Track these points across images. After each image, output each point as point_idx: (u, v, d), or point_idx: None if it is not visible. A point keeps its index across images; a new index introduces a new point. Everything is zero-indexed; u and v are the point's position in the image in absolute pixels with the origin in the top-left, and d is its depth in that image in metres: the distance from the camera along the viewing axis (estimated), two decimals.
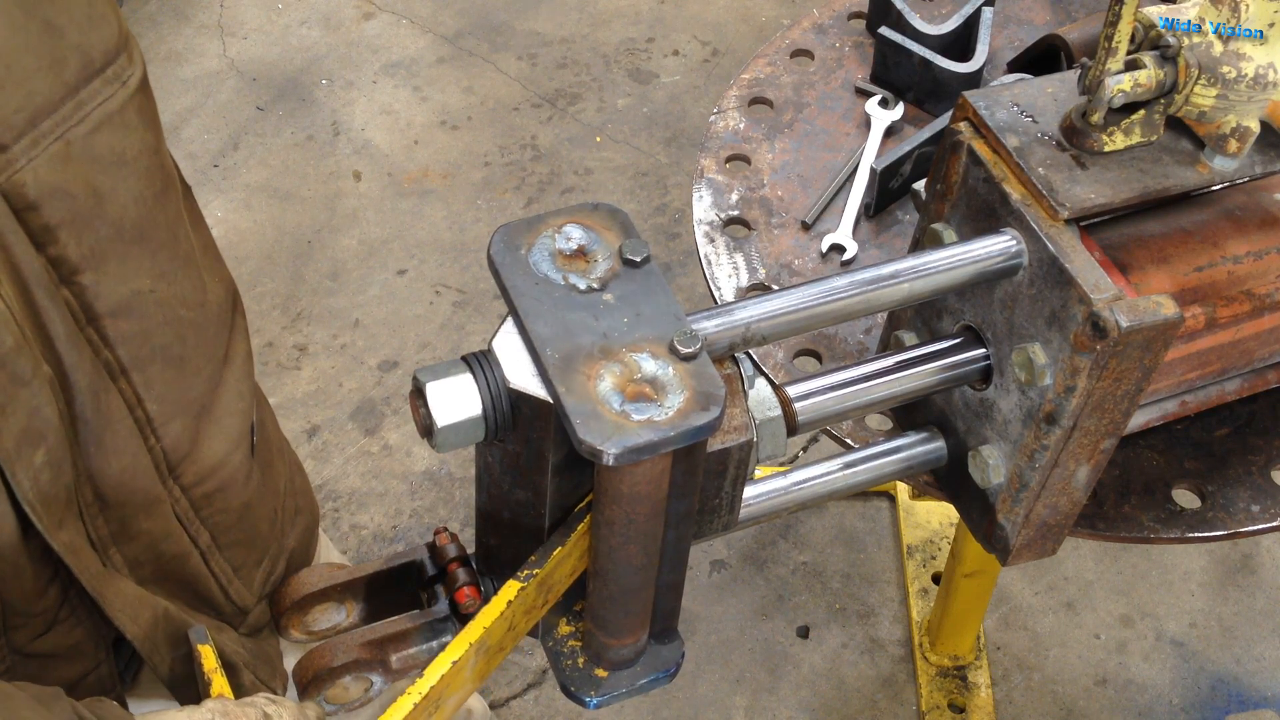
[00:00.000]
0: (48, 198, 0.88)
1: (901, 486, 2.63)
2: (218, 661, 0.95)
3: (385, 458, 2.78)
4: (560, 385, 0.82)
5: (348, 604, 1.08)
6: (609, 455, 0.79)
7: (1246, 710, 2.40)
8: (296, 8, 3.72)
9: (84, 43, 0.89)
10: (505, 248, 0.89)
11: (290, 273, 3.09)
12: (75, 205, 0.90)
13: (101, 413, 0.96)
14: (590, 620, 1.00)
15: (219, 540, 1.11)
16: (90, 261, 0.92)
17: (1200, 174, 1.07)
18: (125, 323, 0.96)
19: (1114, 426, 1.05)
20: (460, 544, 1.06)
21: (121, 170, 0.93)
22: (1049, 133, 1.05)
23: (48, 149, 0.87)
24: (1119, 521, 1.31)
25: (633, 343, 0.84)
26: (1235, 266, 1.15)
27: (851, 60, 1.79)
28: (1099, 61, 1.00)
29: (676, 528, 0.95)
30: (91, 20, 0.90)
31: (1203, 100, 1.03)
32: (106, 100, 0.91)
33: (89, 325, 0.94)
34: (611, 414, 0.80)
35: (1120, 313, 0.95)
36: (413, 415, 0.87)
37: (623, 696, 1.04)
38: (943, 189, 1.09)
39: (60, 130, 0.87)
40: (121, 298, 0.95)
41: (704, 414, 0.81)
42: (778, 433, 1.00)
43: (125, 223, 0.95)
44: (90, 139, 0.90)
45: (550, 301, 0.86)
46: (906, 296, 1.00)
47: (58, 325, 0.91)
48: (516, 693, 2.48)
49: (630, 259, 0.88)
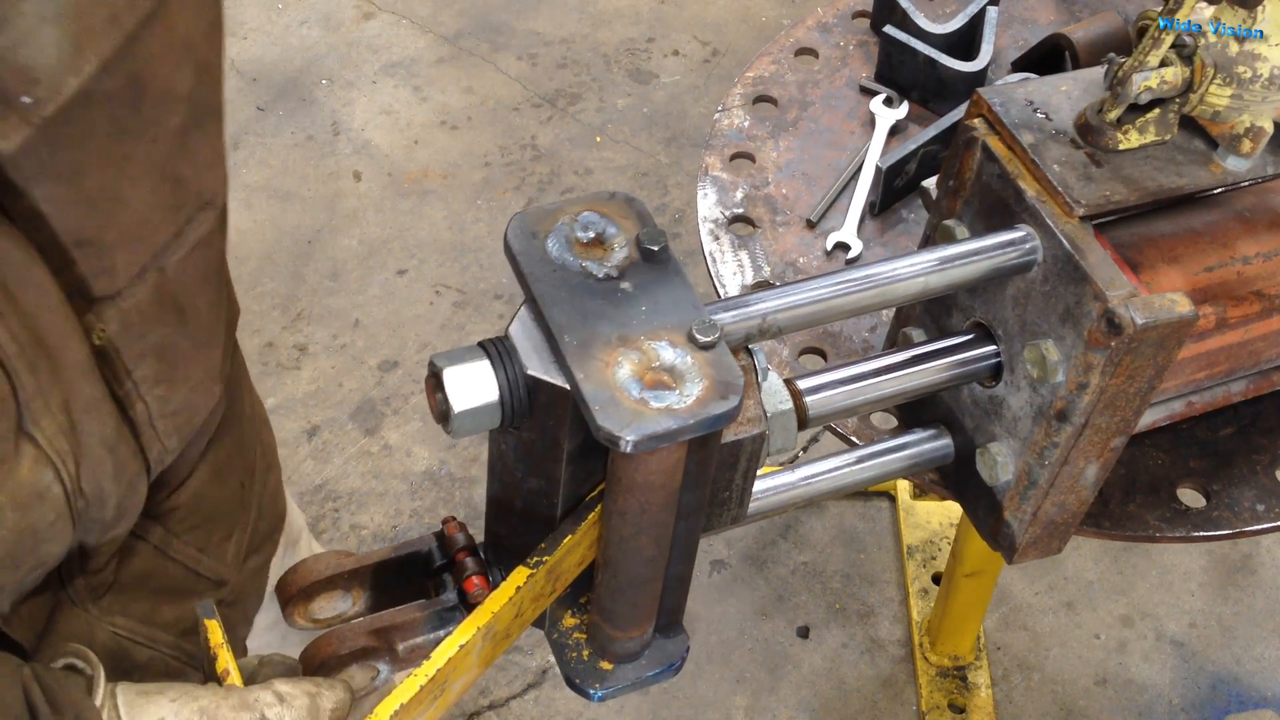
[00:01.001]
0: (147, 328, 0.88)
1: (902, 486, 2.64)
2: (224, 636, 0.94)
3: (385, 458, 2.78)
4: (579, 372, 0.81)
5: (354, 592, 1.07)
6: (627, 442, 0.78)
7: (1246, 710, 2.40)
8: (296, 8, 3.72)
9: (201, 188, 0.90)
10: (522, 234, 0.88)
11: (290, 273, 3.09)
12: (165, 329, 0.90)
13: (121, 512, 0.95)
14: (597, 612, 1.00)
15: (173, 529, 1.09)
16: (166, 375, 0.92)
17: (1213, 174, 1.07)
18: (180, 417, 0.96)
19: (1125, 424, 1.05)
20: (468, 533, 1.05)
21: (204, 285, 0.94)
22: (1063, 130, 1.06)
23: (150, 281, 0.87)
24: (1124, 520, 1.31)
25: (651, 331, 0.84)
26: (1245, 267, 1.16)
27: (856, 59, 1.79)
28: (1141, 52, 0.99)
29: (687, 519, 0.95)
30: (211, 165, 0.90)
31: (1218, 100, 1.03)
32: (200, 225, 0.91)
33: (150, 427, 0.94)
34: (630, 401, 0.80)
35: (1135, 310, 0.95)
36: (428, 401, 0.87)
37: (627, 689, 1.04)
38: (956, 185, 1.10)
39: (160, 261, 0.88)
40: (182, 398, 0.95)
41: (723, 403, 0.81)
42: (789, 426, 0.99)
43: (200, 332, 0.95)
44: (183, 263, 0.90)
45: (567, 288, 0.85)
46: (921, 291, 1.00)
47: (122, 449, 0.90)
48: (516, 693, 2.48)
49: (648, 248, 0.88)
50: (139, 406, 0.91)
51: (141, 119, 0.80)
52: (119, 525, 0.97)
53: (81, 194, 0.78)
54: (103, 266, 0.83)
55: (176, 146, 0.84)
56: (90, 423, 0.85)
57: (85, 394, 0.84)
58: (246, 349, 2.59)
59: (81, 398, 0.83)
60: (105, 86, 0.75)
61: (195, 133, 0.86)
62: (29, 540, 0.84)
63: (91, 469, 0.86)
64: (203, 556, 1.12)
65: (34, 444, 0.81)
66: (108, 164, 0.79)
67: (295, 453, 2.77)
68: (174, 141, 0.84)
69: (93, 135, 0.77)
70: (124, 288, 0.84)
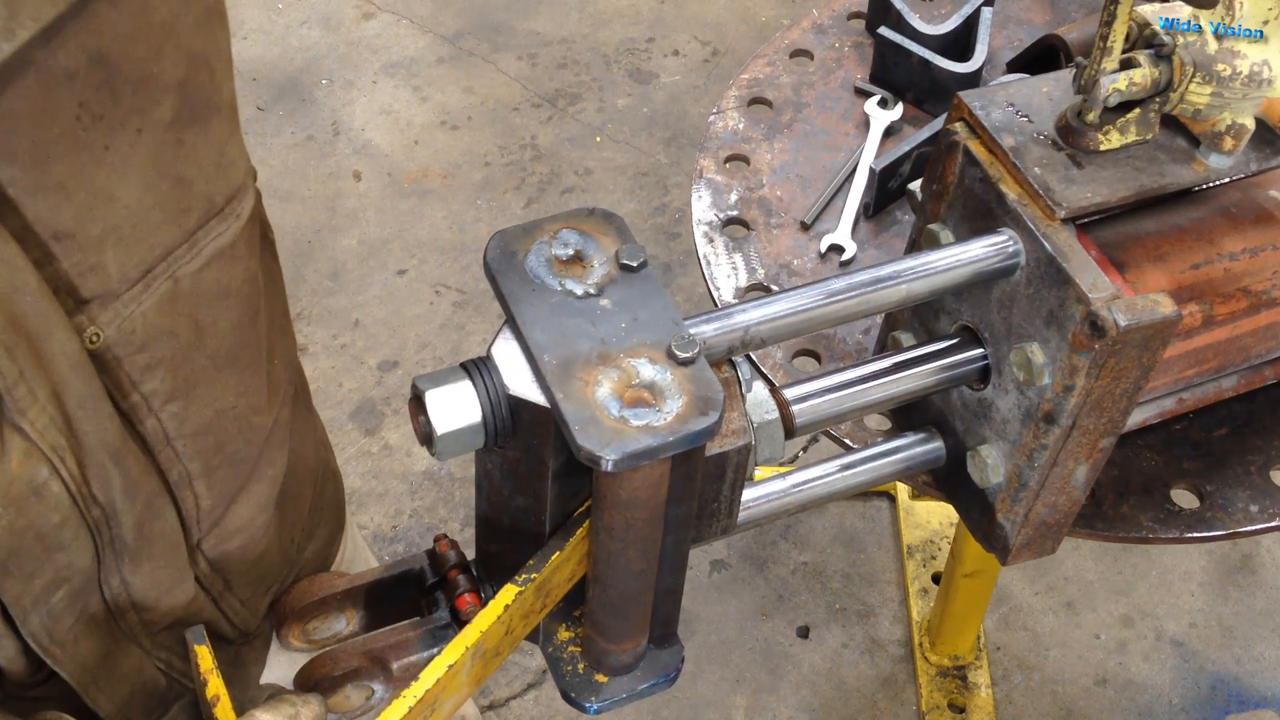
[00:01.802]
0: (153, 339, 0.85)
1: (901, 486, 2.63)
2: (214, 662, 0.94)
3: (385, 458, 2.78)
4: (558, 392, 0.81)
5: (348, 612, 1.08)
6: (608, 461, 0.79)
7: (1246, 710, 2.40)
8: (296, 8, 3.72)
9: (210, 191, 0.87)
10: (501, 254, 0.88)
11: (290, 273, 3.09)
12: (177, 343, 0.88)
13: (145, 536, 0.93)
14: (590, 626, 1.00)
15: (231, 584, 1.07)
16: (181, 391, 0.90)
17: (1196, 171, 1.07)
18: (204, 440, 0.94)
19: (1112, 425, 1.05)
20: (460, 551, 1.06)
21: (225, 302, 0.91)
22: (1044, 132, 1.05)
23: (157, 290, 0.84)
24: (1118, 521, 1.31)
25: (630, 348, 0.84)
26: (1231, 264, 1.15)
27: (851, 60, 1.79)
28: (1094, 61, 1.00)
29: (675, 533, 0.95)
30: (220, 168, 0.88)
31: (1198, 98, 1.03)
32: (219, 236, 0.88)
33: (167, 446, 0.91)
34: (610, 420, 0.80)
35: (1118, 312, 0.95)
36: (412, 423, 0.87)
37: (623, 702, 1.04)
38: (939, 189, 1.09)
39: (170, 270, 0.85)
40: (205, 420, 0.93)
41: (702, 419, 0.81)
42: (775, 436, 0.99)
43: (221, 352, 0.92)
44: (199, 276, 0.87)
45: (547, 307, 0.86)
46: (905, 298, 1.00)
47: (130, 462, 0.88)
48: (516, 693, 2.48)
49: (627, 264, 0.88)
50: (150, 422, 0.89)
51: (120, 106, 0.77)
52: (151, 555, 0.93)
53: (49, 180, 0.75)
54: (89, 264, 0.80)
55: (170, 142, 0.82)
56: (86, 421, 0.83)
57: (78, 389, 0.81)
58: None
59: (74, 393, 0.81)
60: (62, 62, 0.72)
61: (193, 130, 0.83)
62: (33, 544, 0.83)
63: (97, 474, 0.85)
64: (242, 609, 1.09)
65: (22, 435, 0.78)
66: (78, 150, 0.76)
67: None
68: (165, 136, 0.81)
69: (56, 118, 0.74)
70: (120, 290, 0.82)
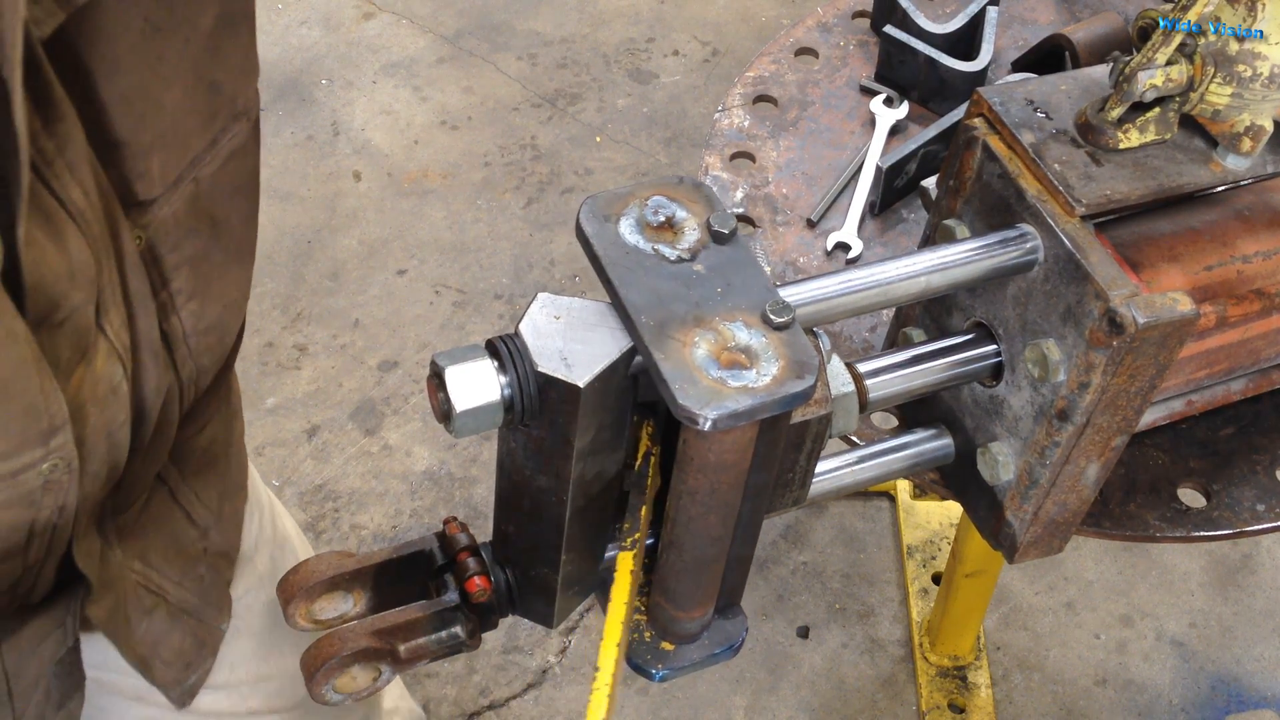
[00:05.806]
0: (182, 238, 0.87)
1: (902, 486, 2.64)
2: None
3: (385, 458, 2.78)
4: (657, 352, 0.82)
5: (355, 593, 1.07)
6: (706, 420, 0.79)
7: (1246, 710, 2.41)
8: (296, 8, 3.72)
9: (236, 94, 0.89)
10: (594, 218, 0.89)
11: (290, 273, 3.09)
12: (199, 240, 0.89)
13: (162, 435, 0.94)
14: (660, 593, 1.00)
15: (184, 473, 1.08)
16: (200, 289, 0.91)
17: (1213, 172, 1.07)
18: (211, 336, 0.96)
19: (1126, 424, 1.05)
20: (470, 533, 1.06)
21: (236, 199, 0.93)
22: (1064, 129, 1.06)
23: (184, 191, 0.86)
24: (1124, 520, 1.32)
25: (725, 312, 0.85)
26: (1245, 266, 1.16)
27: (856, 59, 1.79)
28: (1150, 49, 1.00)
29: (753, 500, 0.95)
30: (244, 71, 0.89)
31: (1218, 99, 1.03)
32: (234, 137, 0.90)
33: (183, 344, 0.93)
34: (708, 380, 0.80)
35: (1137, 309, 0.95)
36: (430, 400, 0.87)
37: (688, 670, 1.04)
38: (956, 185, 1.10)
39: (194, 171, 0.87)
40: (214, 316, 0.95)
41: (799, 382, 0.81)
42: (850, 408, 1.01)
43: (232, 247, 0.94)
44: (217, 175, 0.89)
45: (642, 270, 0.86)
46: (923, 290, 1.00)
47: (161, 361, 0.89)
48: (516, 693, 2.48)
49: (719, 230, 0.88)
50: (174, 320, 0.91)
51: (174, 16, 0.78)
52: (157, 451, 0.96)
53: (116, 91, 0.76)
54: (138, 171, 0.81)
55: (209, 49, 0.83)
56: (143, 322, 0.84)
57: (139, 289, 0.83)
58: (246, 349, 2.59)
59: (139, 293, 0.82)
60: None
61: (227, 35, 0.85)
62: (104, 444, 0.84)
63: (142, 372, 0.86)
64: (197, 503, 1.10)
65: (105, 336, 0.80)
66: (142, 62, 0.77)
67: (295, 453, 2.77)
68: (206, 43, 0.82)
69: (127, 29, 0.75)
70: (160, 195, 0.83)
